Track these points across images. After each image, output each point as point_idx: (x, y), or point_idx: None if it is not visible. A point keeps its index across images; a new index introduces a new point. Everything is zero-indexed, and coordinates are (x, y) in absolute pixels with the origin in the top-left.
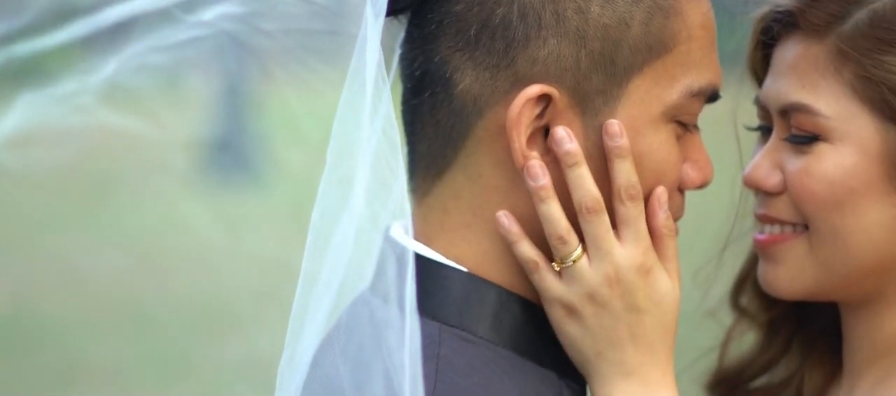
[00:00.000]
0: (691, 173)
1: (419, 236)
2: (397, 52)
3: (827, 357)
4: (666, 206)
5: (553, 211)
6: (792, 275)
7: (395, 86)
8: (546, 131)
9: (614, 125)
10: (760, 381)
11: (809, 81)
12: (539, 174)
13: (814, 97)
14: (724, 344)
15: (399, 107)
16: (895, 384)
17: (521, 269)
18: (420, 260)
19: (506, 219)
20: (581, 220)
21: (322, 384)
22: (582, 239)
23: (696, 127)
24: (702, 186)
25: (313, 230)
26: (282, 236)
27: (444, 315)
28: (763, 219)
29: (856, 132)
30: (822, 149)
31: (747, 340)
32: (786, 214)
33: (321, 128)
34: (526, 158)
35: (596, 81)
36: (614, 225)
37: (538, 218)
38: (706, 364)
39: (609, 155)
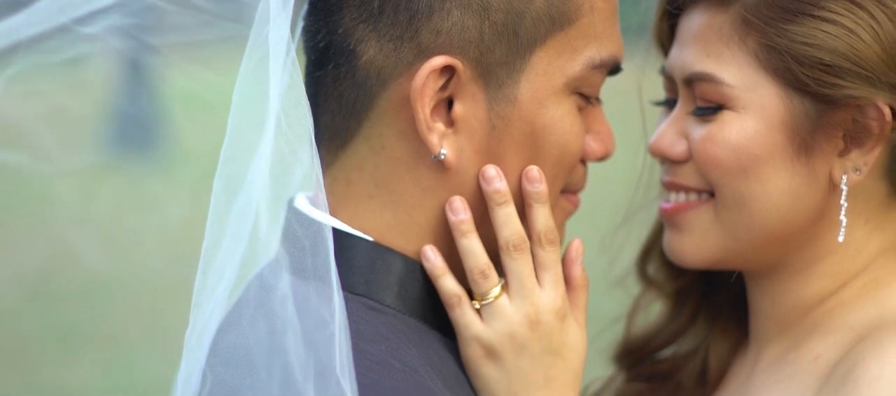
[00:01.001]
0: (593, 145)
1: (330, 208)
2: (300, 24)
3: (733, 328)
4: (581, 259)
5: (474, 245)
6: (697, 243)
7: (299, 58)
8: (450, 103)
9: (534, 170)
10: (668, 351)
11: (714, 50)
12: (460, 208)
13: (718, 66)
14: (631, 314)
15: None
16: (800, 354)
17: (427, 240)
18: (328, 231)
19: (431, 254)
20: (506, 258)
21: (229, 355)
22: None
23: (598, 99)
24: (603, 158)
25: (214, 203)
26: (186, 214)
27: (350, 284)
28: (669, 187)
29: (759, 100)
30: (726, 116)
31: (654, 310)
32: (691, 181)
33: (225, 103)
34: (430, 130)
35: (499, 53)
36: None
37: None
38: (613, 335)
39: (528, 199)
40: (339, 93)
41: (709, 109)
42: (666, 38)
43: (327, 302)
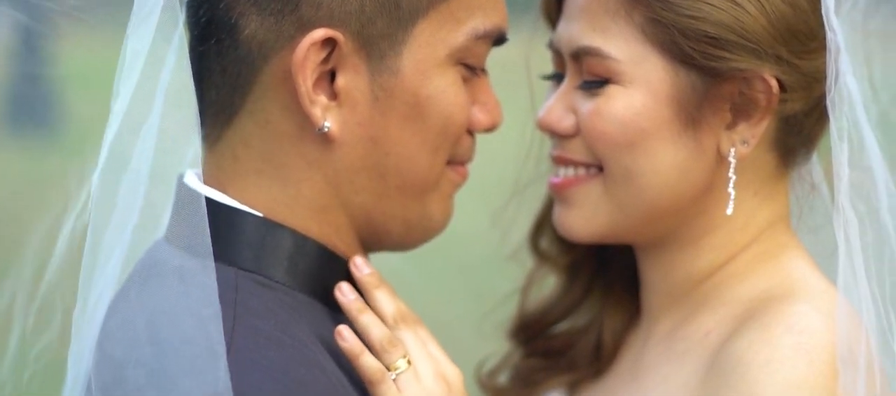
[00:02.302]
0: (480, 116)
1: (213, 183)
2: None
3: (626, 302)
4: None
5: (371, 321)
6: (586, 218)
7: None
8: (333, 76)
9: (358, 259)
10: (563, 326)
11: (601, 25)
12: (347, 290)
13: (604, 40)
14: (525, 289)
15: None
16: (690, 328)
17: (315, 214)
18: (214, 205)
19: (346, 333)
20: (398, 333)
21: (118, 333)
22: None
23: (483, 70)
24: (490, 129)
25: (101, 180)
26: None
27: (240, 260)
28: (558, 161)
29: (646, 75)
30: (612, 90)
31: (549, 284)
32: (580, 155)
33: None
34: (313, 103)
35: (381, 25)
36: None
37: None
38: (508, 310)
39: (365, 288)
40: (223, 68)
41: (595, 83)
42: (553, 11)
43: (213, 277)
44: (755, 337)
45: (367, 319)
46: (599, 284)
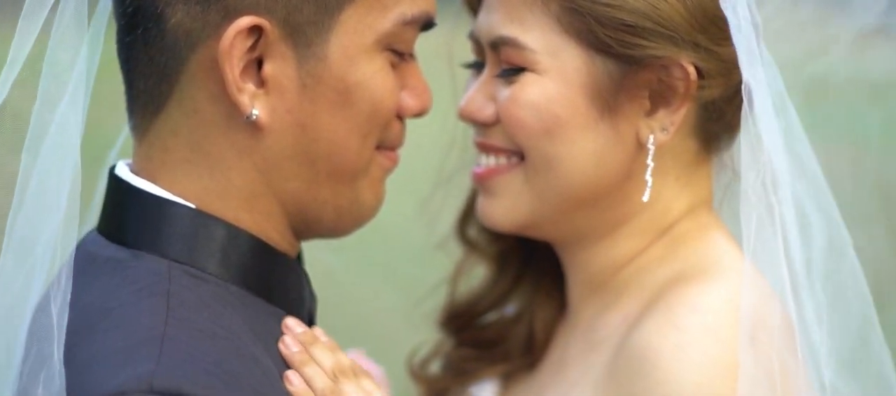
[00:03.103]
0: (409, 100)
1: (144, 174)
2: None
3: (556, 292)
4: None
5: (314, 372)
6: (507, 208)
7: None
8: (259, 63)
9: (286, 338)
10: (493, 316)
11: (518, 15)
12: (291, 342)
13: (521, 30)
14: (453, 279)
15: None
16: (609, 316)
17: (246, 203)
18: (146, 196)
19: (295, 380)
20: (340, 385)
21: (41, 329)
22: None
23: (411, 56)
24: (420, 114)
25: (23, 172)
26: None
27: (173, 251)
28: (481, 147)
29: (561, 64)
30: (528, 78)
31: (478, 274)
32: (502, 143)
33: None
34: (240, 91)
35: (307, 12)
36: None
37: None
38: (438, 300)
39: (305, 346)
40: (150, 57)
41: (512, 71)
42: (474, 1)
43: (149, 269)
44: (662, 321)
45: (310, 371)
46: (529, 274)
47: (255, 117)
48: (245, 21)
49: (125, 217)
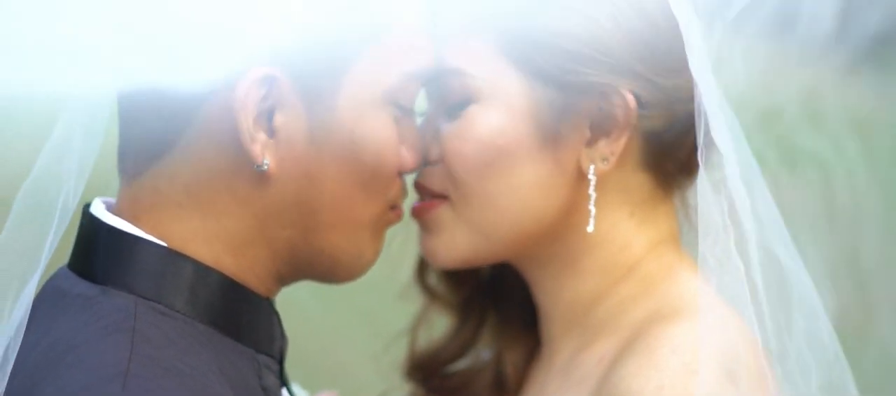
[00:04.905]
0: (407, 155)
1: (125, 214)
2: None
3: (525, 335)
4: None
5: None
6: (446, 243)
7: None
8: (270, 113)
9: None
10: (461, 364)
11: (462, 46)
12: None
13: (466, 60)
14: (414, 329)
15: None
16: (586, 355)
17: (233, 249)
18: (117, 234)
19: None
20: None
21: (20, 359)
22: None
23: (411, 110)
24: (414, 170)
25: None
26: None
27: (140, 288)
28: (418, 188)
29: (504, 91)
30: (472, 111)
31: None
32: (435, 184)
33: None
34: (253, 140)
35: (319, 64)
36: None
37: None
38: (402, 348)
39: None
40: (156, 104)
41: (456, 106)
42: None
43: (115, 306)
44: (643, 363)
45: None
46: (495, 319)
47: (266, 167)
48: (259, 71)
49: (95, 253)
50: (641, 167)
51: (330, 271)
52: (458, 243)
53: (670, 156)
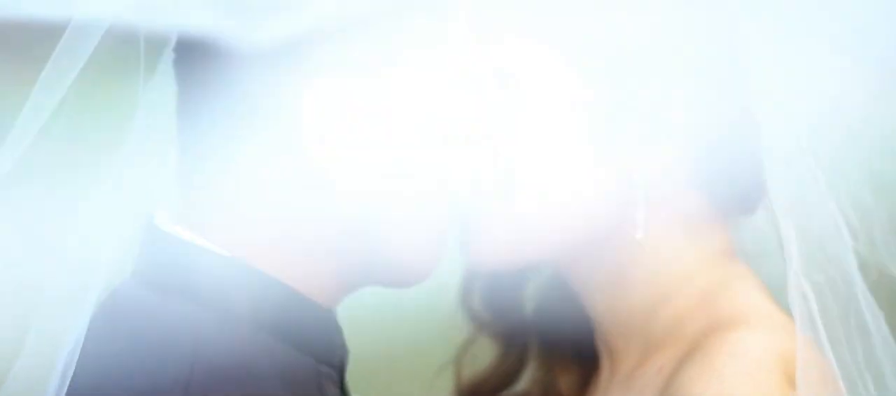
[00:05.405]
0: None
1: (187, 222)
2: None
3: (576, 359)
4: None
5: None
6: (494, 242)
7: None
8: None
9: None
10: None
11: (515, 41)
12: None
13: (520, 58)
14: (458, 360)
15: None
16: (646, 366)
17: (290, 255)
18: (179, 243)
19: None
20: None
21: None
22: None
23: None
24: None
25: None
26: None
27: (201, 297)
28: None
29: (559, 90)
30: (526, 109)
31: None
32: None
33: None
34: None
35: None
36: None
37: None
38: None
39: None
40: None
41: (512, 104)
42: None
43: (176, 314)
44: (702, 371)
45: None
46: (539, 350)
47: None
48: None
49: (157, 263)
50: (693, 184)
51: (397, 274)
52: (507, 242)
53: (728, 182)
